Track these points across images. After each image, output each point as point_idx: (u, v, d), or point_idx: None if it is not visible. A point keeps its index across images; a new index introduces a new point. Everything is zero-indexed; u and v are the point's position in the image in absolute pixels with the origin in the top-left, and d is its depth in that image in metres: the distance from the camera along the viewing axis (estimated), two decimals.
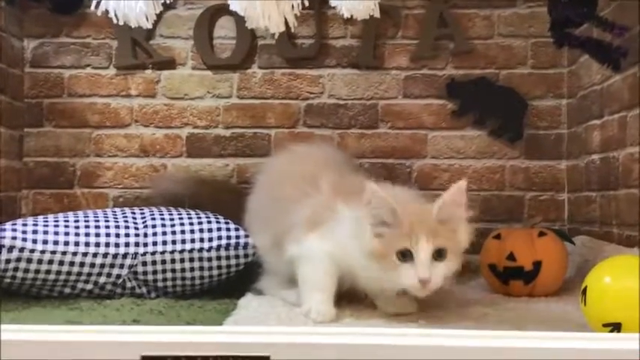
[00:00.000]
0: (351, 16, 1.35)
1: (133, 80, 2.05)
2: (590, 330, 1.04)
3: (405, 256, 1.17)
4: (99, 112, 2.05)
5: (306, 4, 1.37)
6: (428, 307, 1.37)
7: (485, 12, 2.03)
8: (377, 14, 1.36)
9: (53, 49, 2.05)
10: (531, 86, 2.01)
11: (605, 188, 1.70)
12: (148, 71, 2.05)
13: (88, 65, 2.05)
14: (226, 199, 1.78)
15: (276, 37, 1.76)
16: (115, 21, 1.40)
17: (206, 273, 1.48)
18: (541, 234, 1.55)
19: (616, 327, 0.98)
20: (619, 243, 1.59)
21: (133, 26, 1.42)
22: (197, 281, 1.48)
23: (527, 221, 1.93)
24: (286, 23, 1.40)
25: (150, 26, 1.43)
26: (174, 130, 2.05)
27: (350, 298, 1.38)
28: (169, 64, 2.04)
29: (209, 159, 2.04)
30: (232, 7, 1.35)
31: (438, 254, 1.18)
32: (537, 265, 1.51)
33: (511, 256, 1.52)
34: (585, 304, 1.03)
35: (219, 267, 1.48)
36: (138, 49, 2.03)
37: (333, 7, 1.92)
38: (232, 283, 1.57)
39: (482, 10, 2.03)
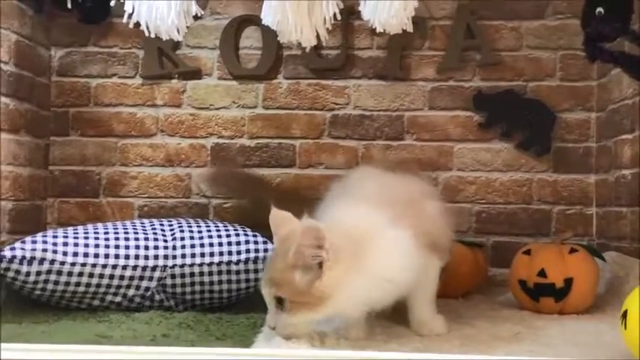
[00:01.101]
0: (384, 30, 1.34)
1: (159, 90, 2.05)
2: (629, 354, 1.02)
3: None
4: (125, 122, 2.05)
5: (339, 17, 1.36)
6: (460, 326, 1.36)
7: (514, 23, 2.01)
8: (410, 29, 1.35)
9: (80, 59, 2.06)
10: (560, 99, 1.99)
11: (636, 204, 1.68)
12: (174, 81, 2.05)
13: (115, 75, 2.06)
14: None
15: (307, 50, 1.74)
16: (147, 33, 1.41)
17: (234, 286, 1.47)
18: (572, 250, 1.53)
19: None
20: None
21: (164, 39, 1.42)
22: (225, 294, 1.48)
23: (555, 236, 1.91)
24: (317, 37, 1.40)
25: (181, 39, 1.43)
26: (200, 140, 2.05)
27: (381, 316, 1.37)
28: (195, 74, 2.04)
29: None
30: (265, 21, 1.35)
31: (279, 302, 1.11)
32: (569, 282, 1.49)
33: (542, 273, 1.50)
34: (626, 327, 1.01)
35: (247, 280, 1.47)
36: (164, 59, 2.04)
37: (360, 18, 1.95)
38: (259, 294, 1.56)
39: (510, 22, 2.01)
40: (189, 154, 2.05)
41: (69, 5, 1.57)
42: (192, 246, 1.46)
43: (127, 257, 1.42)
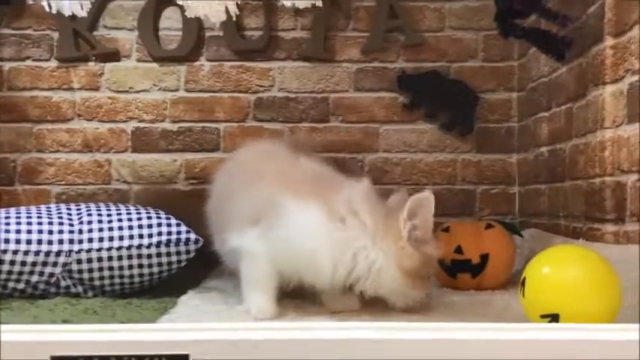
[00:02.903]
0: (293, 4, 1.31)
1: (76, 73, 1.98)
2: (528, 321, 1.02)
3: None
4: (40, 106, 1.97)
5: None
6: (373, 303, 1.34)
7: (436, 4, 2.01)
8: (319, 3, 1.33)
9: None
10: (482, 79, 2.01)
11: (552, 180, 1.70)
12: (91, 63, 1.98)
13: (29, 57, 1.98)
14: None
15: (216, 26, 1.71)
16: (47, 9, 1.34)
17: (146, 270, 1.42)
18: (488, 226, 1.53)
19: (554, 318, 0.96)
20: (566, 235, 1.59)
21: (66, 15, 1.36)
22: (136, 279, 1.42)
23: (478, 215, 1.93)
24: (228, 13, 1.36)
25: (84, 15, 1.37)
26: (119, 125, 1.99)
27: (294, 295, 1.35)
28: (113, 55, 1.98)
29: (156, 154, 1.99)
30: None
31: None
32: (484, 257, 1.49)
33: (459, 249, 1.50)
34: (524, 295, 1.01)
35: (159, 264, 1.43)
36: (81, 41, 1.97)
37: None
38: (175, 278, 1.52)
39: (432, 3, 2.01)
40: (108, 139, 1.98)
41: None
42: (100, 230, 1.40)
43: (28, 242, 1.35)
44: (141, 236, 1.41)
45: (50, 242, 1.37)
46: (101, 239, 1.40)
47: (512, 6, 1.45)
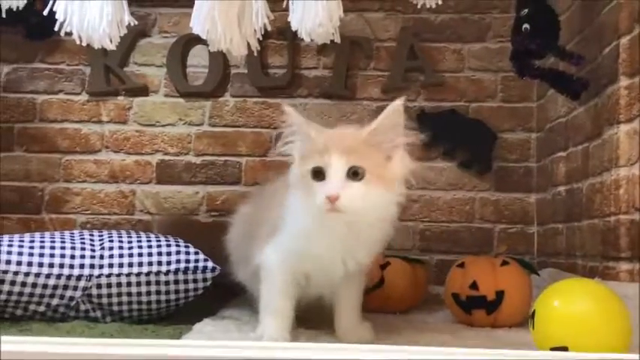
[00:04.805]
0: (311, 40, 1.36)
1: (105, 106, 2.05)
2: None
3: (319, 175, 1.11)
4: (69, 138, 2.04)
5: (269, 28, 1.38)
6: (387, 335, 1.35)
7: (456, 46, 2.05)
8: (337, 39, 1.37)
9: (27, 75, 2.06)
10: (501, 119, 2.03)
11: (570, 220, 1.70)
12: (121, 98, 2.05)
13: (61, 91, 2.06)
14: None
15: (238, 60, 1.78)
16: (77, 42, 1.41)
17: (163, 297, 1.45)
18: (504, 263, 1.53)
19: (563, 351, 0.96)
20: (583, 274, 1.58)
21: (96, 47, 1.43)
22: (154, 306, 1.45)
23: (495, 253, 1.92)
24: (250, 48, 1.41)
25: (113, 48, 1.43)
26: (145, 157, 2.04)
27: (308, 324, 1.36)
28: (142, 90, 2.05)
29: (179, 186, 2.04)
30: (194, 30, 1.36)
31: (354, 173, 1.10)
32: (500, 294, 1.49)
33: (474, 285, 1.50)
34: (533, 327, 1.01)
35: (177, 291, 1.45)
36: (111, 76, 2.05)
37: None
38: (194, 308, 1.54)
39: (452, 44, 2.05)
40: (134, 171, 2.04)
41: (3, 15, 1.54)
42: (121, 255, 1.44)
43: (51, 265, 1.39)
44: (160, 263, 1.45)
45: (72, 266, 1.41)
46: (121, 265, 1.43)
47: (528, 46, 1.48)
